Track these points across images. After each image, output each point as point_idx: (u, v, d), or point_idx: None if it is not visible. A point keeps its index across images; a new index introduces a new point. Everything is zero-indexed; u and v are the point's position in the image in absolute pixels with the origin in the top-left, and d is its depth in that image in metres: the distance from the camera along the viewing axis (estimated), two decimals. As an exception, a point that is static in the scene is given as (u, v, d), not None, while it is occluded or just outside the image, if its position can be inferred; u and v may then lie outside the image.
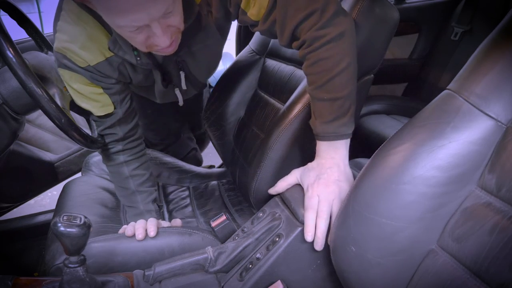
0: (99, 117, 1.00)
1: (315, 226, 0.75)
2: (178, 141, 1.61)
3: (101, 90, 0.96)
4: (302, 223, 0.77)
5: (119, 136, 1.04)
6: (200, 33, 0.95)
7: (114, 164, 1.07)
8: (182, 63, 1.04)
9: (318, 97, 0.80)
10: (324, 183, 0.78)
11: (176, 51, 0.92)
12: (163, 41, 0.78)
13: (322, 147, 0.81)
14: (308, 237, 0.75)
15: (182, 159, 1.56)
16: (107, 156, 1.07)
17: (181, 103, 1.19)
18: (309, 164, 0.83)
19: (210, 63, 1.12)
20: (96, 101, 0.97)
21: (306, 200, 0.79)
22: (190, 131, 1.69)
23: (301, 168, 0.85)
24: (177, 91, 1.14)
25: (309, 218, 0.76)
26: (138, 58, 0.91)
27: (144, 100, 1.32)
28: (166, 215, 1.20)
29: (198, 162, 1.70)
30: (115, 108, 1.00)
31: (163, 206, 1.22)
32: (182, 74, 1.06)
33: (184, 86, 1.09)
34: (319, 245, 0.74)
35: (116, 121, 1.02)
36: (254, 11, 0.85)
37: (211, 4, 0.90)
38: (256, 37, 1.32)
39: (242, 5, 0.86)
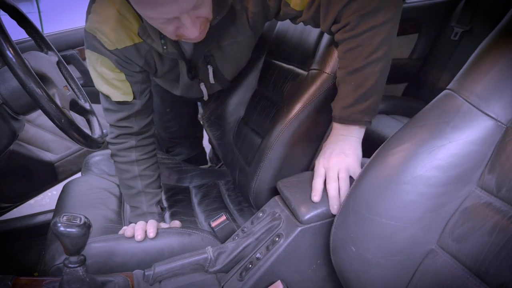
0: (117, 103, 0.98)
1: (327, 188, 0.80)
2: (187, 142, 1.61)
3: (123, 77, 0.96)
4: (302, 223, 0.77)
5: (134, 130, 1.03)
6: (231, 28, 0.94)
7: (125, 161, 1.05)
8: (210, 58, 1.03)
9: (345, 80, 0.82)
10: (328, 156, 0.83)
11: (206, 44, 0.92)
12: (192, 32, 0.78)
13: (335, 127, 0.86)
14: (315, 198, 0.79)
15: (188, 160, 1.56)
16: (118, 151, 1.05)
17: (206, 97, 1.18)
18: (323, 144, 0.88)
19: (238, 59, 1.11)
20: (117, 87, 0.96)
21: (314, 171, 0.84)
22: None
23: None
24: (202, 86, 1.12)
25: (316, 183, 0.81)
26: (165, 47, 0.91)
27: (165, 98, 1.31)
28: (167, 215, 1.20)
29: (202, 163, 1.70)
30: (134, 98, 0.99)
31: (166, 209, 1.22)
32: (210, 69, 1.05)
33: (212, 80, 1.08)
34: (334, 209, 0.77)
35: (133, 113, 1.00)
36: (298, 1, 0.85)
37: None
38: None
39: None
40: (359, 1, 0.77)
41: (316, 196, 0.79)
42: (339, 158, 0.81)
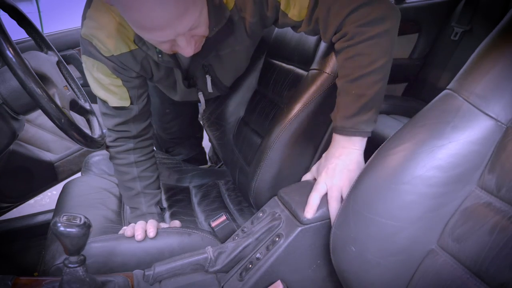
0: (114, 108, 0.99)
1: (329, 208, 0.77)
2: (187, 142, 1.61)
3: (120, 83, 0.96)
4: (302, 223, 0.77)
5: (132, 134, 1.03)
6: (230, 38, 0.93)
7: (124, 163, 1.05)
8: (209, 67, 1.03)
9: (346, 90, 0.81)
10: (331, 173, 0.79)
11: (203, 56, 0.92)
12: (187, 51, 0.79)
13: (337, 139, 0.82)
14: (308, 214, 0.77)
15: (187, 160, 1.56)
16: (117, 154, 1.05)
17: (203, 106, 1.18)
18: (323, 155, 0.86)
19: (236, 67, 1.11)
20: (114, 93, 0.97)
21: (314, 185, 0.81)
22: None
23: (318, 162, 0.88)
24: (200, 95, 1.13)
25: (313, 197, 0.78)
26: (160, 56, 0.91)
27: (164, 99, 1.30)
28: (167, 215, 1.20)
29: (202, 163, 1.70)
30: (131, 103, 0.99)
31: (165, 209, 1.22)
32: (209, 78, 1.06)
33: (210, 89, 1.09)
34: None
35: (131, 118, 1.01)
36: (295, 12, 0.84)
37: (245, 10, 0.88)
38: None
39: (282, 7, 0.85)
40: (358, 13, 0.77)
41: (310, 212, 0.77)
42: (343, 175, 0.78)
